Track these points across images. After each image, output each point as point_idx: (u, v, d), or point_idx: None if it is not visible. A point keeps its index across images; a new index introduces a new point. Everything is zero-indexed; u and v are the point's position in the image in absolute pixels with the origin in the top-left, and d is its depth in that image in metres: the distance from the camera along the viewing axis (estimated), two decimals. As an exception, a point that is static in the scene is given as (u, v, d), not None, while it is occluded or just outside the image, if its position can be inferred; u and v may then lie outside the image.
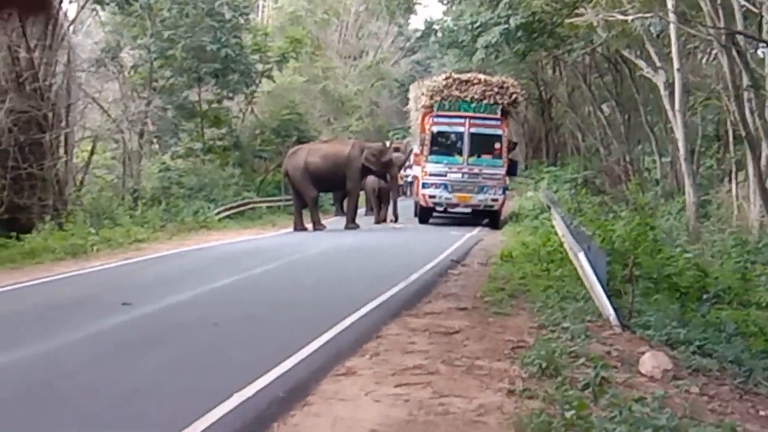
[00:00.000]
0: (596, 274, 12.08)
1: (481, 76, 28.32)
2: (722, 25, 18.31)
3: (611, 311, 10.59)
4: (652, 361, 8.47)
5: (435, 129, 27.43)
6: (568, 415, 6.32)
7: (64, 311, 11.33)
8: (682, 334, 10.25)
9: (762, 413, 7.76)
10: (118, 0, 28.06)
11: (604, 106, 41.26)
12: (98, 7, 29.01)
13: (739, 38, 19.87)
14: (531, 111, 49.43)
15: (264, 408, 7.02)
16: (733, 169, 32.93)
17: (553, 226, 22.11)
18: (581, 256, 13.33)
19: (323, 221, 26.45)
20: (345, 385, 7.75)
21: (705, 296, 13.99)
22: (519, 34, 32.15)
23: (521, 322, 10.83)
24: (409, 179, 35.95)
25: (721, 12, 17.87)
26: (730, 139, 32.74)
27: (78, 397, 7.28)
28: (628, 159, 37.89)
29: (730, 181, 33.77)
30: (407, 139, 41.97)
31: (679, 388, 7.92)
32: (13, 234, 19.22)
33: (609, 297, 11.12)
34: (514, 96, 27.94)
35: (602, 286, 11.58)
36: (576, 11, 28.38)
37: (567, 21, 29.01)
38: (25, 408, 6.89)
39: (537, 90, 47.12)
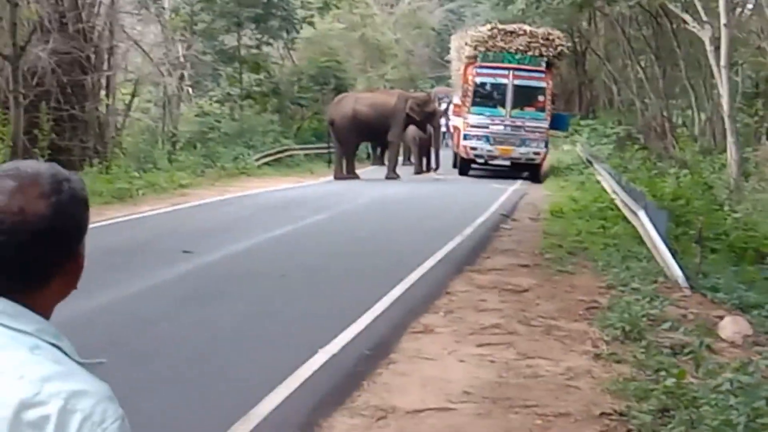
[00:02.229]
0: (659, 234, 11.93)
1: (527, 27, 27.79)
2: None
3: (679, 272, 10.43)
4: (732, 326, 8.34)
5: (478, 80, 27.04)
6: (668, 383, 6.20)
7: (125, 258, 11.15)
8: (752, 297, 10.10)
9: None
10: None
11: (640, 60, 40.68)
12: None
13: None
14: (564, 63, 48.75)
15: (351, 365, 6.96)
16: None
17: (598, 182, 21.89)
18: (642, 214, 13.18)
19: (357, 170, 26.22)
20: (425, 343, 7.68)
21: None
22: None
23: (588, 281, 10.71)
24: (445, 129, 35.30)
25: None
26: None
27: (159, 348, 7.24)
28: (665, 114, 37.42)
29: (768, 138, 33.45)
30: (435, 89, 41.64)
31: (762, 354, 7.77)
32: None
33: (675, 257, 10.96)
34: (559, 48, 27.46)
35: (667, 246, 11.43)
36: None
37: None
38: (113, 359, 6.85)
39: (572, 41, 46.43)
